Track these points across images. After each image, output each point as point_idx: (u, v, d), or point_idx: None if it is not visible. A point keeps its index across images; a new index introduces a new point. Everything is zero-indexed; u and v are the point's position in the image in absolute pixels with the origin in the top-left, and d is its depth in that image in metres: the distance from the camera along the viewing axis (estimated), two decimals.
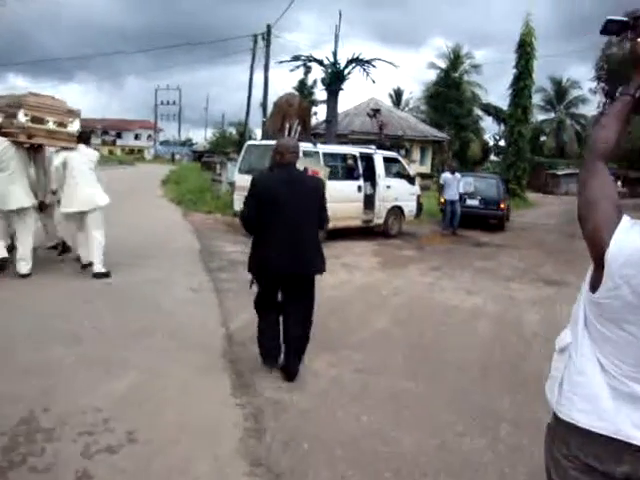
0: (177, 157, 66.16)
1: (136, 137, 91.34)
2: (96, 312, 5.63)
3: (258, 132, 47.21)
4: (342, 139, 19.16)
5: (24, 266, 6.73)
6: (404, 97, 53.54)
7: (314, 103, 28.27)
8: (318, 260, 4.38)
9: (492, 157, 51.93)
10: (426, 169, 30.18)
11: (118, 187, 25.27)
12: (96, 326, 5.16)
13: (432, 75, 43.80)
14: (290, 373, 4.32)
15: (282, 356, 4.44)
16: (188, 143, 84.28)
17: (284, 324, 4.43)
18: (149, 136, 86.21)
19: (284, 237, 4.16)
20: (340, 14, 15.85)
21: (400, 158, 13.68)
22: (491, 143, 52.87)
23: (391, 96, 51.90)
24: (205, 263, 8.42)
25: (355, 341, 5.39)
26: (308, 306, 4.43)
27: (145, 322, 5.39)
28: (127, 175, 36.07)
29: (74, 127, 6.98)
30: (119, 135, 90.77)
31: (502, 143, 51.45)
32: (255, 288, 4.49)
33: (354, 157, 11.92)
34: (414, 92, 58.42)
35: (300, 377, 4.31)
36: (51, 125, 6.73)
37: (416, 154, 30.95)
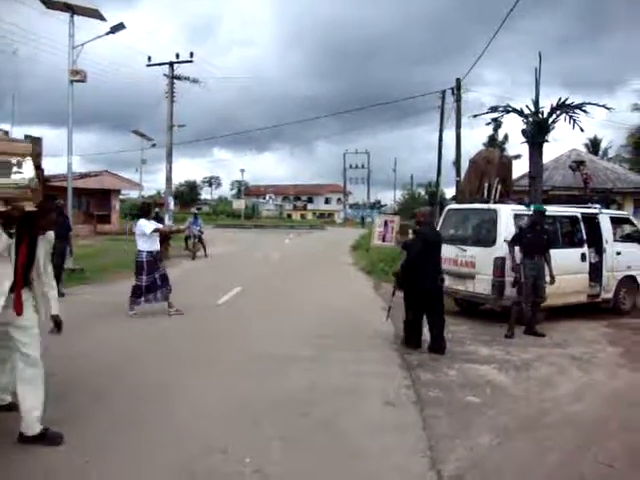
0: (367, 220, 66.86)
1: (326, 201, 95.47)
2: (263, 441, 4.34)
3: (447, 192, 45.71)
4: (542, 196, 17.00)
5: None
6: (602, 145, 48.52)
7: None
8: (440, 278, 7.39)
9: None
10: None
11: (307, 252, 25.80)
12: (258, 469, 3.82)
13: (636, 119, 39.13)
14: (440, 348, 7.14)
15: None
16: (377, 205, 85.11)
17: (429, 320, 7.36)
18: (339, 199, 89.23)
19: (429, 268, 7.20)
20: (540, 56, 13.89)
21: (632, 218, 11.26)
22: None
23: (587, 146, 47.17)
24: (402, 356, 7.04)
25: None
26: (441, 307, 7.38)
27: (325, 467, 3.97)
28: (318, 239, 36.90)
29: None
30: (310, 200, 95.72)
31: None
32: (386, 318, 8.49)
33: (576, 219, 9.96)
34: (613, 139, 52.66)
35: None
36: None
37: (629, 209, 27.09)
